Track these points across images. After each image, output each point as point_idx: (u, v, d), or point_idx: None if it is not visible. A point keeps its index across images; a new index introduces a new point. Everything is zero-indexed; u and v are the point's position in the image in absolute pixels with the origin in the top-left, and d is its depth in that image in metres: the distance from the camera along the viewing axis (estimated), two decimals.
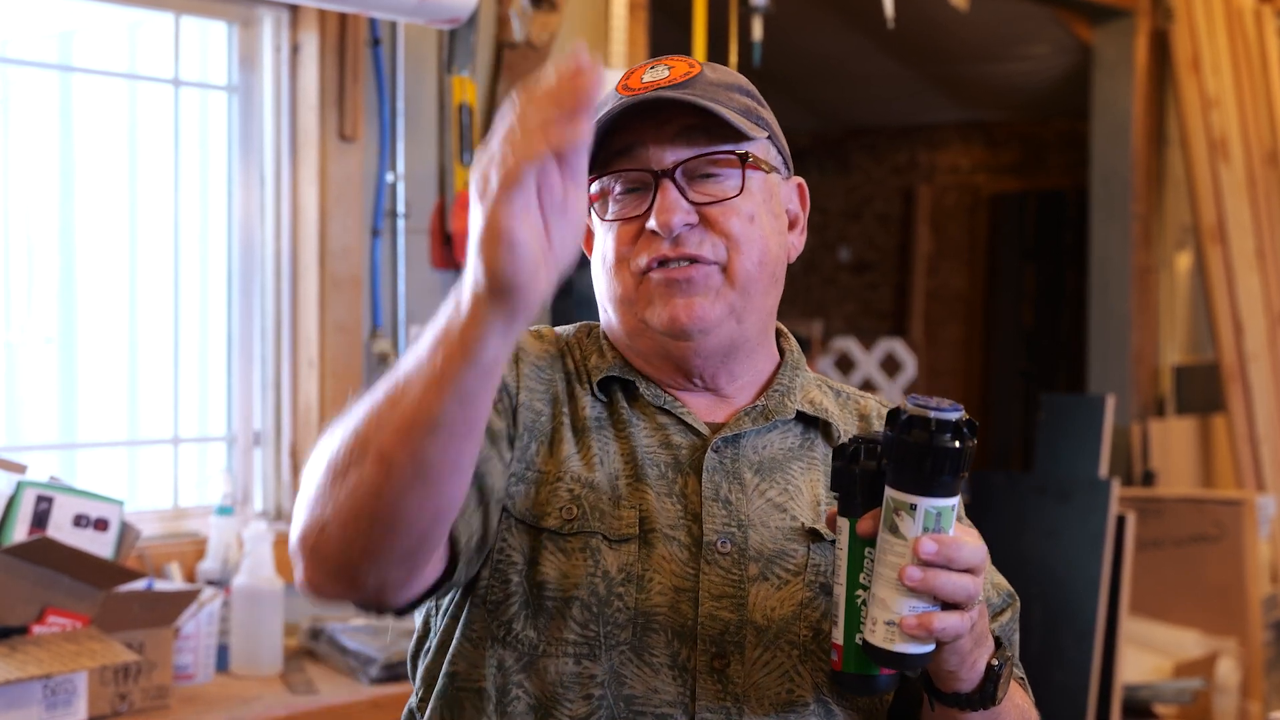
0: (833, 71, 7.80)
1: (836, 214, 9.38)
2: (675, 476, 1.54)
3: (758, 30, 4.45)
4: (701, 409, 1.59)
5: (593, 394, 1.58)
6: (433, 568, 1.43)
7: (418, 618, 1.61)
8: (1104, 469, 4.35)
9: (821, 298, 9.38)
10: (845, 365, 7.06)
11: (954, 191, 9.11)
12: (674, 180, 1.53)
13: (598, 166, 1.56)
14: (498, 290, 1.22)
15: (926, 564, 1.34)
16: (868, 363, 7.02)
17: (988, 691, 1.45)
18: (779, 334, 1.67)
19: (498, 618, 1.50)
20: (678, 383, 1.59)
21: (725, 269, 1.53)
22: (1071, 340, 8.42)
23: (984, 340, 9.07)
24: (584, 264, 1.66)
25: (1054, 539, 4.31)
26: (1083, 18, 5.96)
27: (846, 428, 1.63)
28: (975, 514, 1.73)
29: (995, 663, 1.46)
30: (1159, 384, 5.97)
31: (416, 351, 1.28)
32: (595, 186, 1.57)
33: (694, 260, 1.52)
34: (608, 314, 1.61)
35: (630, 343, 1.59)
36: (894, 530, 1.35)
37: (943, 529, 1.35)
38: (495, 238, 1.20)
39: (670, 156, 1.53)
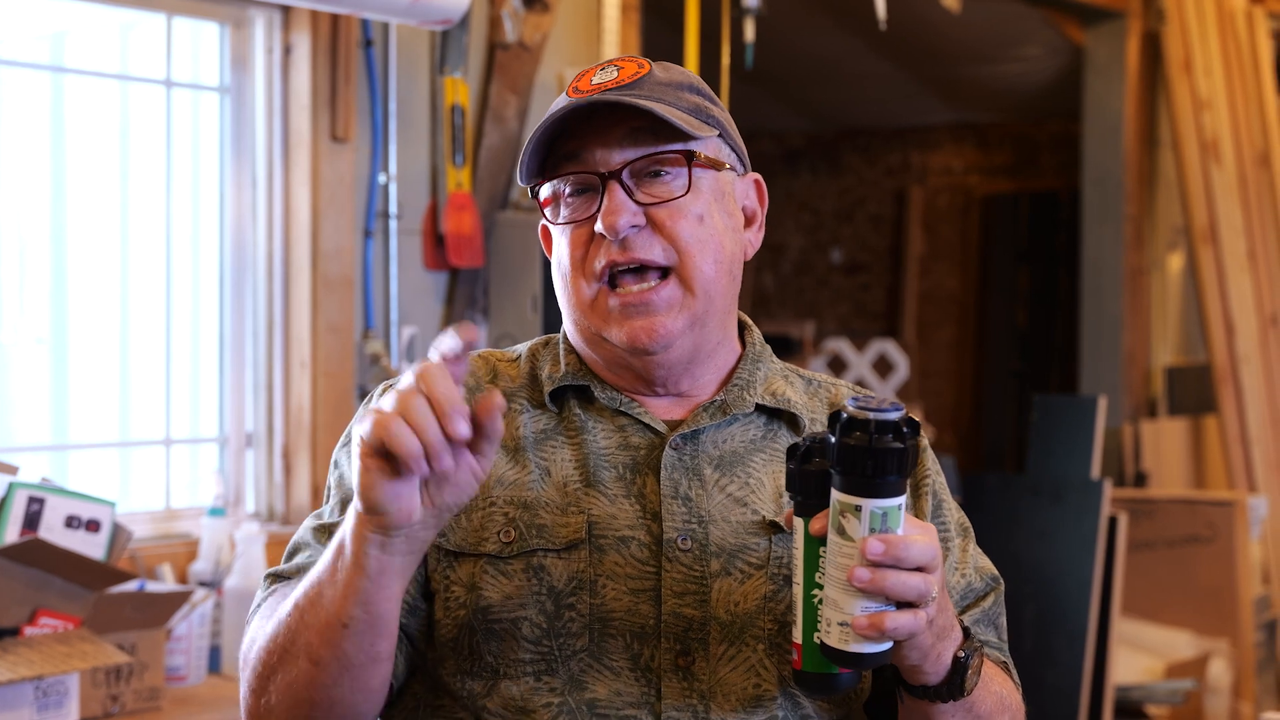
0: (825, 73, 7.80)
1: (829, 215, 9.38)
2: (633, 477, 1.54)
3: (750, 31, 4.45)
4: (660, 408, 1.59)
5: (540, 406, 1.58)
6: (380, 702, 1.50)
7: None
8: (1096, 470, 4.35)
9: (814, 299, 9.38)
10: (837, 366, 7.06)
11: (946, 193, 9.12)
12: (621, 182, 1.52)
13: (547, 170, 1.56)
14: (369, 511, 1.34)
15: (875, 564, 1.33)
16: (860, 364, 7.02)
17: (955, 683, 1.45)
18: (742, 326, 1.67)
19: (459, 652, 1.51)
20: (638, 389, 1.59)
21: (680, 275, 1.53)
22: (1064, 341, 8.43)
23: (976, 341, 9.08)
24: None
25: (1046, 540, 4.31)
26: (1075, 19, 5.97)
27: (815, 416, 1.62)
28: (968, 515, 1.72)
29: (962, 654, 1.45)
30: (1151, 385, 5.98)
31: (324, 558, 1.41)
32: (547, 190, 1.58)
33: (643, 266, 1.52)
34: (566, 318, 1.61)
35: (588, 349, 1.59)
36: (841, 532, 1.35)
37: (890, 529, 1.34)
38: (364, 474, 1.32)
39: (617, 157, 1.53)
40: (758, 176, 1.65)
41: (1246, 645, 4.95)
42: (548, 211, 1.58)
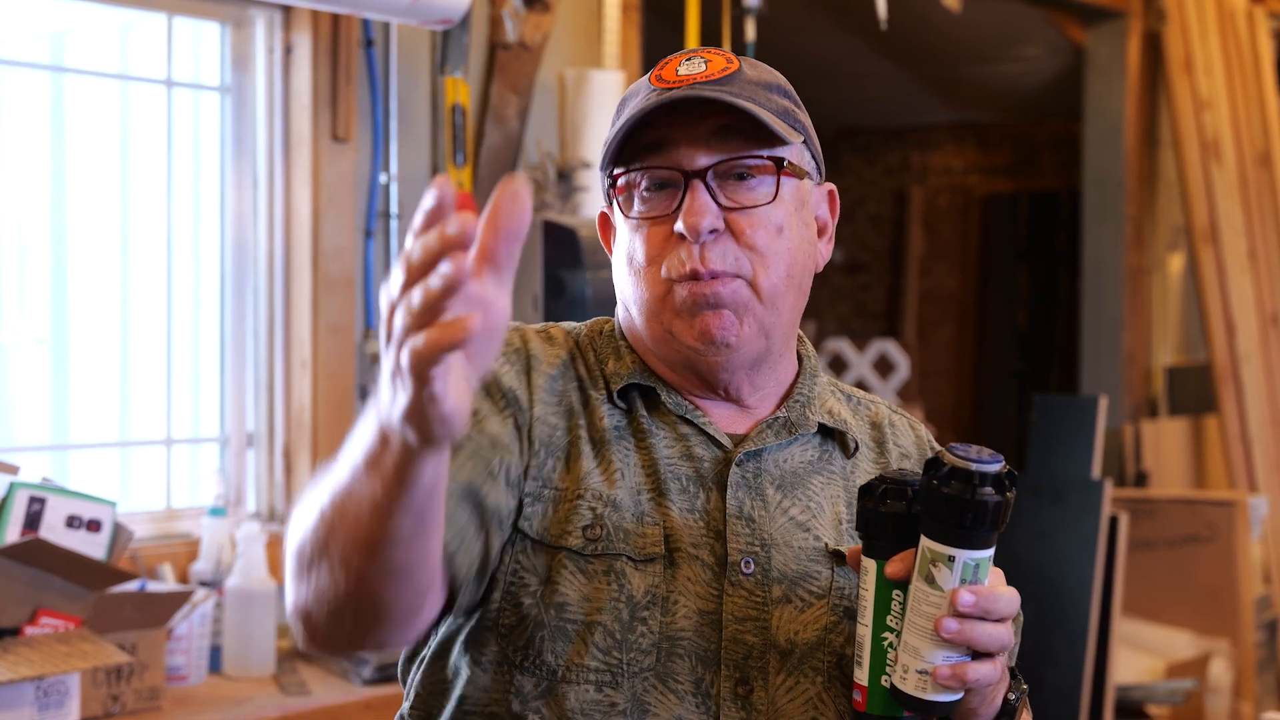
0: (825, 72, 7.80)
1: None
2: (697, 491, 1.49)
3: (750, 31, 4.45)
4: (723, 419, 1.54)
5: (611, 401, 1.52)
6: (431, 607, 1.37)
7: None
8: (1096, 470, 4.35)
9: (814, 298, 9.30)
10: (838, 366, 7.06)
11: (946, 192, 9.12)
12: (705, 183, 1.47)
13: (625, 160, 1.50)
14: (428, 444, 1.11)
15: (963, 616, 1.32)
16: (860, 363, 7.02)
17: None
18: (797, 340, 1.62)
19: (513, 643, 1.44)
20: (699, 391, 1.54)
21: (752, 284, 1.48)
22: (1064, 341, 8.43)
23: (976, 341, 9.08)
24: (576, 265, 1.64)
25: (1047, 540, 4.31)
26: (1075, 19, 5.97)
27: (860, 437, 1.59)
28: None
29: (1012, 697, 1.44)
30: (1151, 385, 5.98)
31: (354, 465, 1.20)
32: (621, 179, 1.51)
33: (719, 276, 1.47)
34: (630, 314, 1.55)
35: (653, 348, 1.53)
36: (930, 581, 1.33)
37: (979, 579, 1.33)
38: (423, 418, 1.07)
39: (703, 158, 1.47)
40: (832, 187, 1.60)
41: (1247, 645, 4.94)
42: (620, 200, 1.52)
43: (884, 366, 7.14)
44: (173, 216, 3.51)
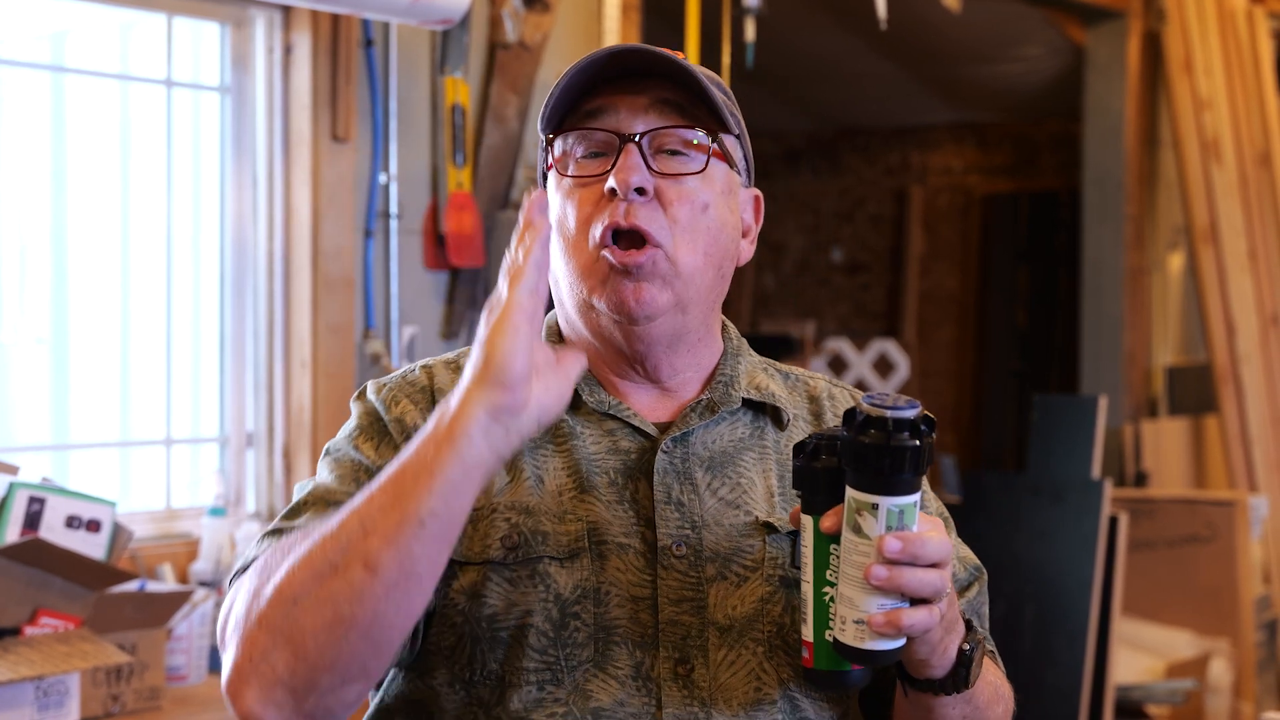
0: (825, 72, 7.81)
1: (829, 215, 9.39)
2: (625, 482, 1.52)
3: (750, 31, 4.46)
4: (646, 406, 1.57)
5: None
6: (391, 659, 1.42)
7: None
8: (1096, 470, 4.35)
9: (814, 298, 9.39)
10: (838, 366, 7.07)
11: (946, 192, 9.12)
12: (639, 147, 1.50)
13: (566, 125, 1.54)
14: (490, 373, 1.29)
15: (892, 562, 1.33)
16: (860, 363, 7.02)
17: (960, 676, 1.45)
18: (721, 325, 1.65)
19: (457, 661, 1.48)
20: (619, 369, 1.56)
21: (669, 254, 1.50)
22: (1064, 341, 8.43)
23: (977, 341, 9.08)
24: None
25: (1046, 540, 4.31)
26: (1075, 19, 5.97)
27: (796, 410, 1.62)
28: (968, 514, 1.72)
29: (967, 647, 1.45)
30: (1151, 385, 5.98)
31: (403, 456, 1.33)
32: (558, 147, 1.54)
33: (643, 236, 1.49)
34: (559, 286, 1.57)
35: (578, 320, 1.56)
36: (857, 530, 1.35)
37: (906, 526, 1.35)
38: (501, 321, 1.29)
39: (640, 124, 1.51)
40: (758, 193, 1.64)
41: (1247, 645, 4.95)
42: (556, 168, 1.55)
43: (884, 366, 7.14)
44: (173, 216, 3.51)
